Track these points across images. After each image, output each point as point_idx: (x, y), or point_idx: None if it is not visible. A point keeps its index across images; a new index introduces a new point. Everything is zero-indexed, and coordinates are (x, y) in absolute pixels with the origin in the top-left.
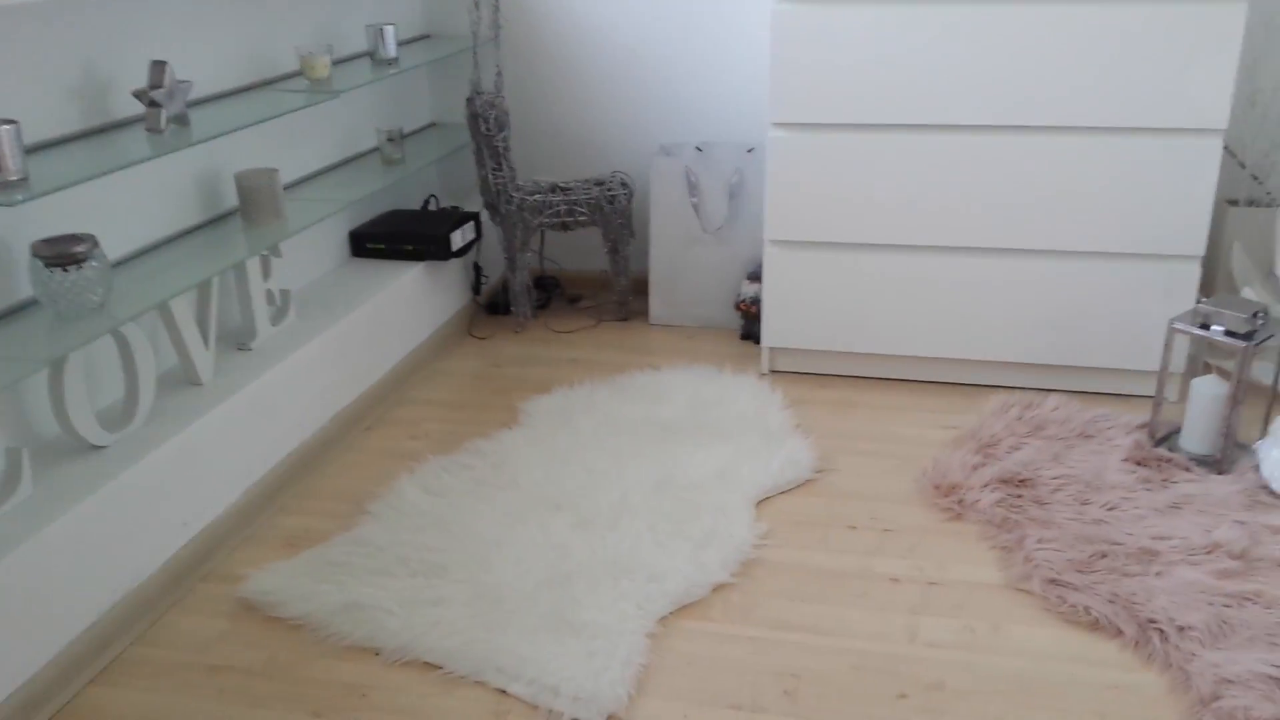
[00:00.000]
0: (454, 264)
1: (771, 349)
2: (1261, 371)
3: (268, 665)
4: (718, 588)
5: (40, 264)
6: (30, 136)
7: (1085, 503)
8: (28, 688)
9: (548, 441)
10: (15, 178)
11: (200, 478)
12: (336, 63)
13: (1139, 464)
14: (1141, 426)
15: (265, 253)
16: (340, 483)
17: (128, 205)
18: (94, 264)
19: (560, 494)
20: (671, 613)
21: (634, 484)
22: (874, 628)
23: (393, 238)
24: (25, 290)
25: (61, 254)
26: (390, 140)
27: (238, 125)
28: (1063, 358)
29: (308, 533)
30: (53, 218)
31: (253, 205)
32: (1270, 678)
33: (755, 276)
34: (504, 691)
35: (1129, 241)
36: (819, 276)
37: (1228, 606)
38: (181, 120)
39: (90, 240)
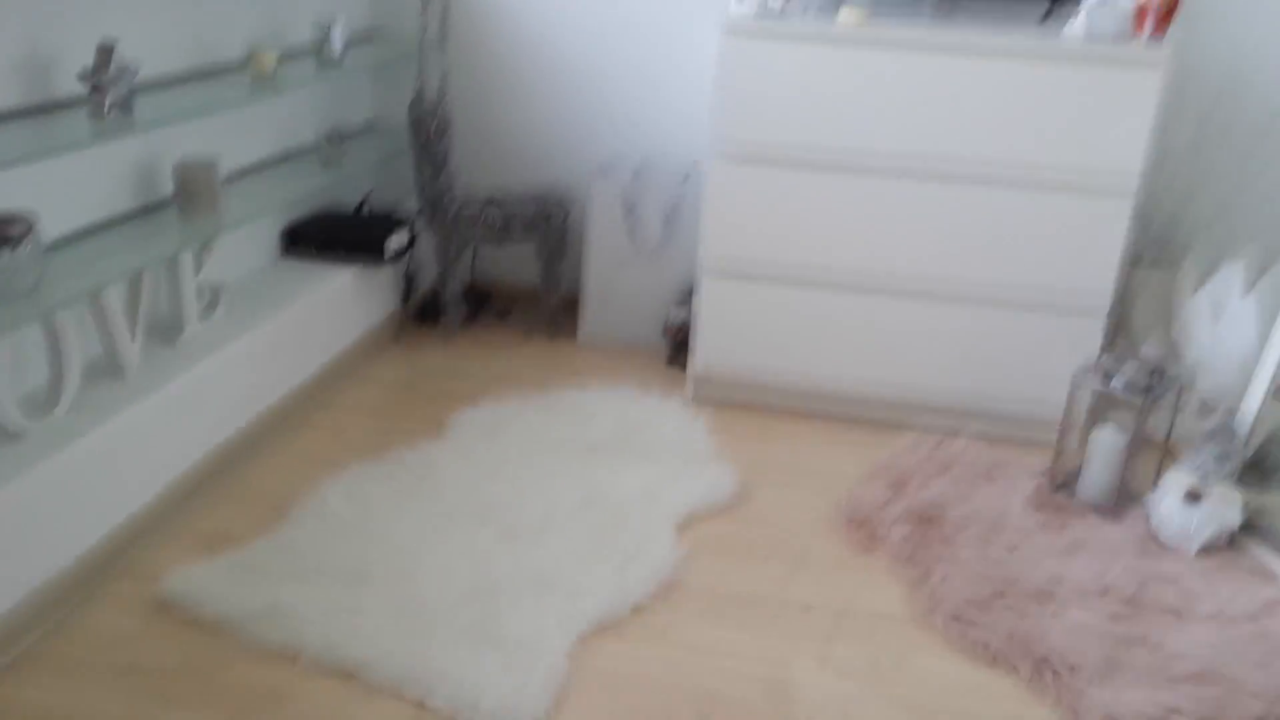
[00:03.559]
0: (386, 269)
1: (697, 376)
2: (1157, 426)
3: (182, 666)
4: (637, 608)
5: None
6: None
7: (988, 542)
8: None
9: (474, 454)
10: None
11: (120, 471)
12: (281, 56)
13: (1039, 508)
14: (1043, 472)
15: (199, 246)
16: (262, 484)
17: (61, 187)
18: (29, 247)
19: (485, 507)
20: (592, 631)
21: (559, 500)
22: (785, 654)
23: (327, 240)
24: None
25: None
26: (330, 142)
27: (183, 116)
28: (972, 402)
29: (228, 534)
30: None
31: (190, 196)
32: (1154, 717)
33: (684, 301)
34: (422, 704)
35: (1040, 294)
36: (748, 308)
37: (1117, 648)
38: (125, 106)
39: (26, 222)
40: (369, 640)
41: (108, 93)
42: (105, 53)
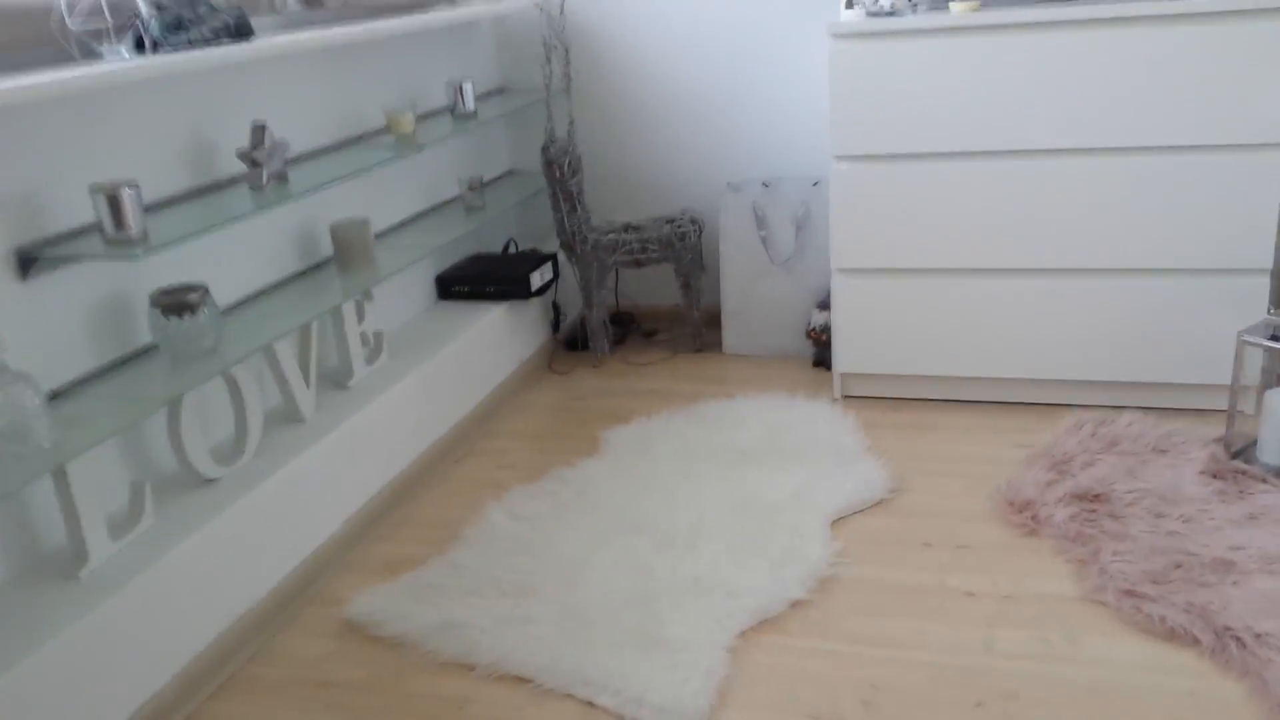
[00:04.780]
0: (534, 303)
1: (843, 375)
2: None
3: (371, 681)
4: (795, 604)
5: (158, 312)
6: (147, 196)
7: (1160, 515)
8: (153, 702)
9: (628, 468)
10: (136, 234)
11: (305, 508)
12: (419, 118)
13: (1215, 476)
14: (1217, 440)
15: (359, 297)
16: (433, 511)
17: (233, 256)
18: (206, 311)
19: (642, 517)
20: (751, 628)
21: (712, 506)
22: (950, 640)
23: (476, 280)
24: (145, 337)
25: (177, 302)
26: (471, 189)
27: (332, 180)
28: (1135, 374)
29: (404, 558)
30: (166, 269)
31: (346, 253)
32: None
33: (824, 305)
34: (591, 703)
35: (1197, 257)
36: (887, 302)
37: None
38: (281, 177)
39: (202, 290)
40: (539, 647)
41: (264, 166)
42: (259, 131)
